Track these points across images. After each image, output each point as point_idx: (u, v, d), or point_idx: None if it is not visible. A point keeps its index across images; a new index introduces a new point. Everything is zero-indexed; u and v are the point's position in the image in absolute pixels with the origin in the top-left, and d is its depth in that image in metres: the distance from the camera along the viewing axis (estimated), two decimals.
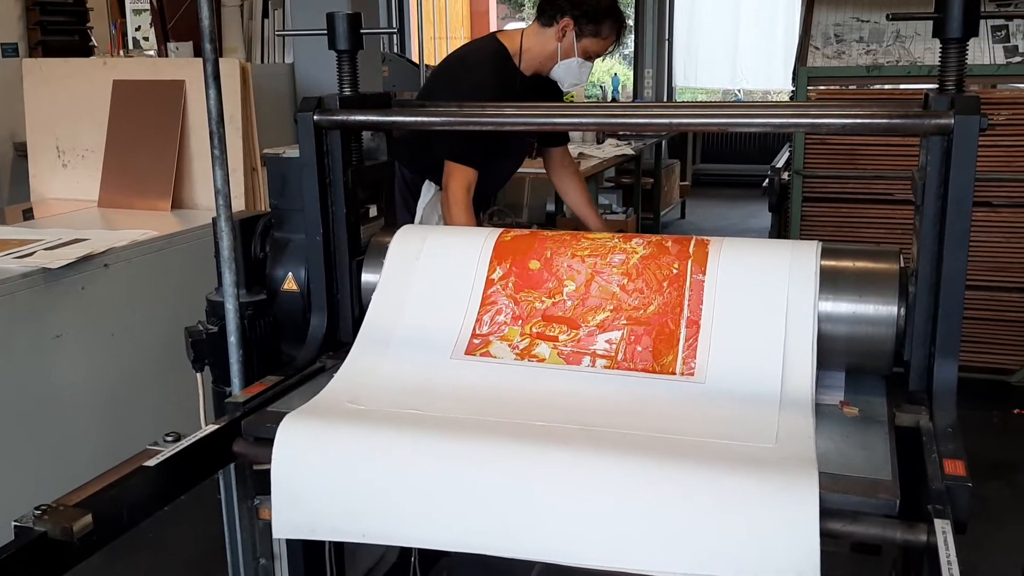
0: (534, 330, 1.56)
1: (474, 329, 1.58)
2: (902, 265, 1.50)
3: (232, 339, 1.68)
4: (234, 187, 3.08)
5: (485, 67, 2.73)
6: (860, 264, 1.50)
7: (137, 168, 3.56)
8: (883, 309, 1.46)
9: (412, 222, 2.81)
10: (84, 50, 6.36)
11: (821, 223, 4.15)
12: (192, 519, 2.64)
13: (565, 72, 2.76)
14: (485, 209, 3.04)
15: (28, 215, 3.51)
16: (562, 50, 2.72)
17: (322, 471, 1.31)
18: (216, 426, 1.40)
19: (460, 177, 2.58)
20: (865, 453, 1.28)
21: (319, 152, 1.69)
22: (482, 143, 2.62)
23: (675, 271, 1.54)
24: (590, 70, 2.81)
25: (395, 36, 9.40)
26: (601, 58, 2.86)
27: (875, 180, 4.04)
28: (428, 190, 2.83)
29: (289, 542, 1.76)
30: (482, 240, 1.67)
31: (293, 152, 1.77)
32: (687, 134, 9.15)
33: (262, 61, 6.14)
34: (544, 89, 2.85)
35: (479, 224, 2.80)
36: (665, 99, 9.95)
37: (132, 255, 2.89)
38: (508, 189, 7.41)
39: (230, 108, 3.28)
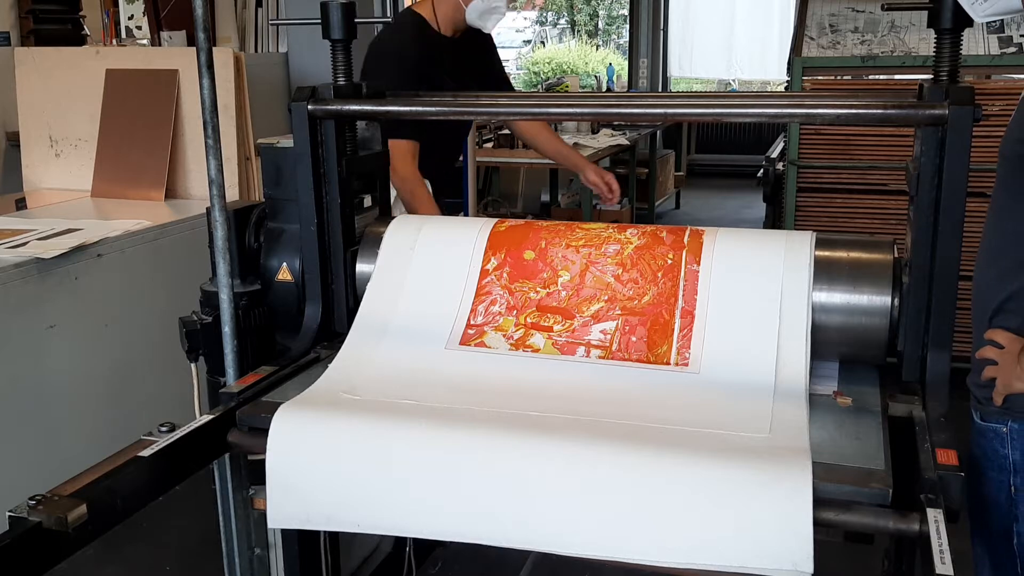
0: (529, 320, 1.56)
1: (469, 319, 1.58)
2: (896, 255, 1.50)
3: (226, 329, 1.68)
4: (228, 177, 3.09)
5: (400, 38, 2.76)
6: (854, 254, 1.51)
7: (130, 158, 3.54)
8: (877, 299, 1.46)
9: None
10: (77, 39, 6.34)
11: (816, 213, 4.16)
12: (187, 509, 2.65)
13: (477, 16, 2.77)
14: (445, 181, 3.01)
15: (21, 205, 3.49)
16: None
17: (317, 461, 1.31)
18: (210, 416, 1.40)
19: (398, 151, 2.57)
20: (858, 443, 1.28)
21: (313, 142, 1.69)
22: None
23: (670, 261, 1.54)
24: (505, 2, 2.80)
25: None
26: None
27: (870, 170, 4.04)
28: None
29: (284, 532, 1.77)
30: (477, 230, 1.66)
31: (287, 142, 1.77)
32: (682, 124, 9.14)
33: (256, 50, 6.12)
34: (476, 45, 2.86)
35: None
36: (660, 89, 9.93)
37: (125, 245, 2.88)
38: (503, 179, 7.41)
39: (224, 98, 3.26)
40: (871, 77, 4.17)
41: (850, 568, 2.05)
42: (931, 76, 1.51)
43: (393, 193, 2.80)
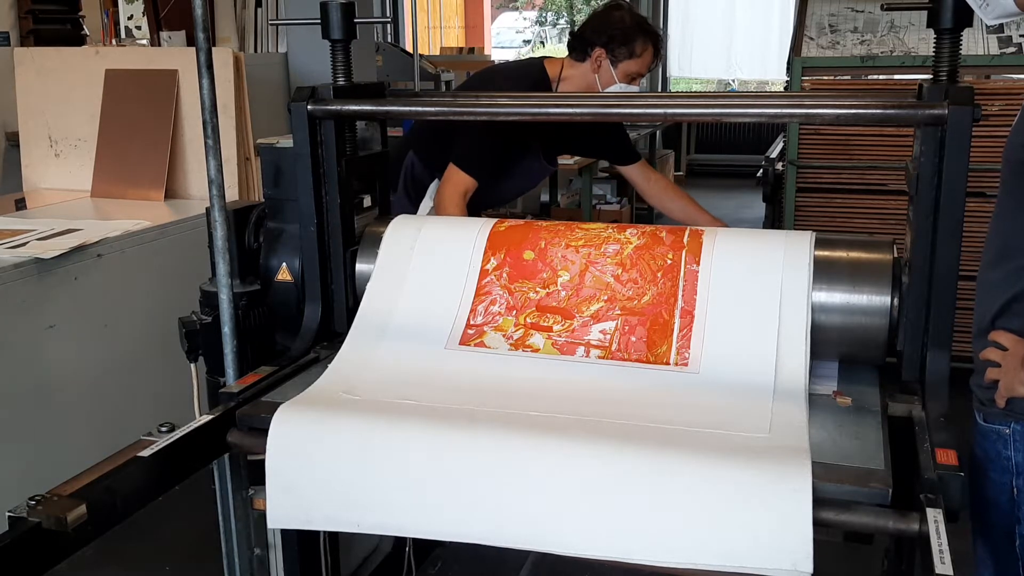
0: (528, 320, 1.56)
1: (468, 319, 1.58)
2: (896, 255, 1.50)
3: (226, 329, 1.68)
4: (228, 177, 3.09)
5: (514, 87, 2.71)
6: (854, 254, 1.51)
7: (130, 158, 3.54)
8: (876, 299, 1.46)
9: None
10: (76, 39, 6.33)
11: (815, 213, 4.16)
12: (186, 510, 2.64)
13: None
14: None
15: (21, 205, 3.49)
16: (601, 81, 2.71)
17: (316, 461, 1.31)
18: (210, 416, 1.40)
19: (458, 182, 2.54)
20: (858, 443, 1.28)
21: (313, 142, 1.69)
22: (495, 160, 2.59)
23: (669, 261, 1.54)
24: (637, 91, 2.80)
25: (389, 25, 9.38)
26: (644, 76, 2.83)
27: (869, 170, 4.04)
28: (433, 193, 2.80)
29: (284, 532, 1.77)
30: (476, 230, 1.66)
31: (287, 142, 1.77)
32: (681, 124, 9.14)
33: (255, 50, 6.12)
34: (586, 123, 2.84)
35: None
36: (660, 89, 9.93)
37: (125, 245, 2.88)
38: None
39: (223, 98, 3.26)
40: (870, 77, 4.16)
41: (850, 568, 2.06)
42: (931, 76, 1.51)
43: (420, 213, 2.79)
